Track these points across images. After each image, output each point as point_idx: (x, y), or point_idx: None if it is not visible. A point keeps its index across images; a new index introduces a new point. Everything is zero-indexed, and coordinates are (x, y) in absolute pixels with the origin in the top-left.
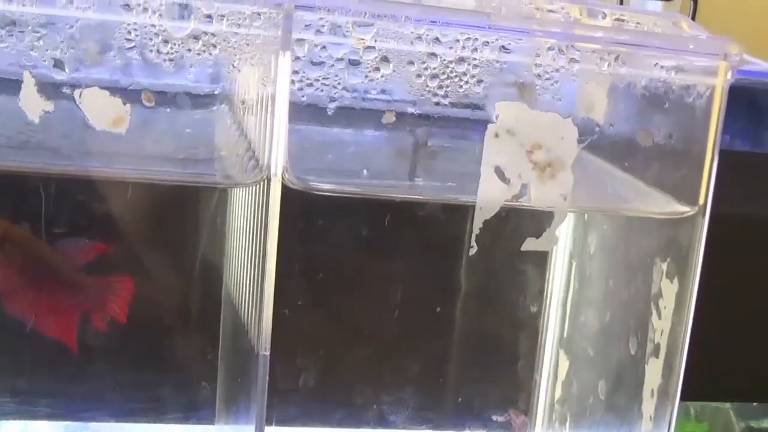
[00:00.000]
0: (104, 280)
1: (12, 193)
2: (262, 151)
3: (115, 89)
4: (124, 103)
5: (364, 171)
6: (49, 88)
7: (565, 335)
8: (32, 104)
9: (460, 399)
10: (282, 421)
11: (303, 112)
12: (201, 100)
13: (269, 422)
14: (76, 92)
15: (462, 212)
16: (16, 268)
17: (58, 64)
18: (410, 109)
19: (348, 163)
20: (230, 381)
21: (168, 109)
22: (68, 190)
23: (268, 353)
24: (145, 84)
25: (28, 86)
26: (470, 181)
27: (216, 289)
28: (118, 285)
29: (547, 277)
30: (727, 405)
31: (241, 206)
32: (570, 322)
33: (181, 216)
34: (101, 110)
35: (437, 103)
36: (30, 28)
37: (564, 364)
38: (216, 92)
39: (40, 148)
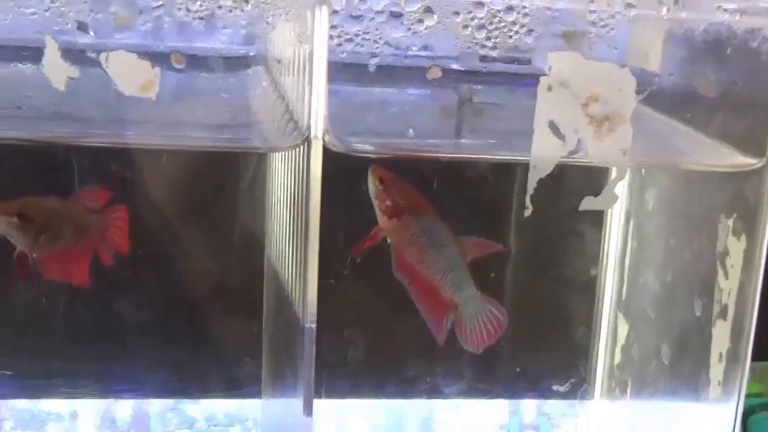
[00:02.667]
0: (104, 214)
1: (44, 165)
2: (300, 113)
3: (144, 54)
4: (153, 66)
5: (410, 131)
6: (75, 54)
7: (623, 297)
8: (56, 70)
9: (515, 368)
10: (331, 394)
11: (343, 70)
12: (235, 63)
13: (317, 396)
14: (102, 56)
15: (512, 171)
16: (56, 240)
17: (81, 27)
18: (454, 66)
19: (391, 123)
20: (275, 355)
21: (202, 74)
22: (101, 160)
23: (314, 326)
24: (177, 48)
25: (52, 51)
26: (519, 139)
27: (258, 260)
28: (113, 216)
29: (603, 237)
30: None
31: (281, 172)
32: (629, 284)
33: (219, 184)
34: (129, 74)
35: (482, 58)
36: None
37: (623, 328)
38: (251, 54)
39: (72, 119)
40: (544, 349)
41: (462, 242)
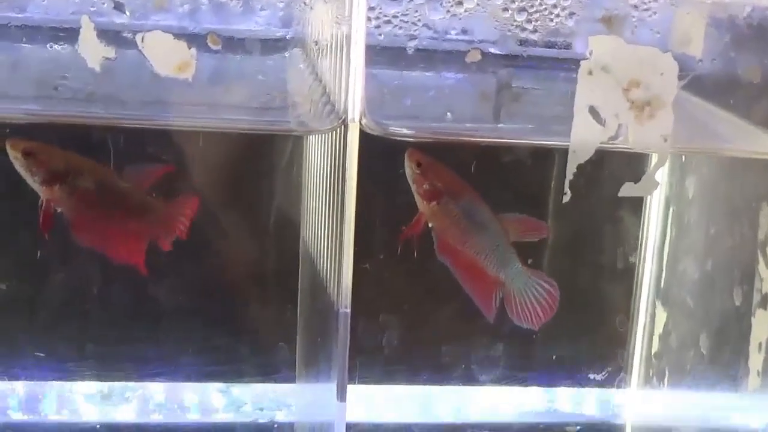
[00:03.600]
0: (175, 202)
1: (80, 146)
2: (337, 96)
3: (181, 35)
4: (189, 47)
5: (447, 114)
6: (111, 35)
7: (662, 286)
8: (92, 50)
9: (552, 356)
10: (365, 380)
11: (381, 53)
12: (273, 45)
13: (351, 381)
14: (138, 36)
15: (551, 157)
16: (83, 197)
17: (118, 7)
18: (493, 50)
19: (429, 107)
20: (310, 340)
21: (239, 56)
22: (138, 142)
23: (348, 310)
24: (214, 29)
25: (87, 31)
26: (558, 124)
27: (293, 244)
28: (184, 205)
29: (642, 224)
30: None
31: (317, 155)
32: (667, 272)
33: (255, 167)
34: (165, 55)
35: (521, 42)
36: None
37: (661, 316)
38: (288, 36)
39: (105, 99)
40: (580, 336)
41: (504, 220)
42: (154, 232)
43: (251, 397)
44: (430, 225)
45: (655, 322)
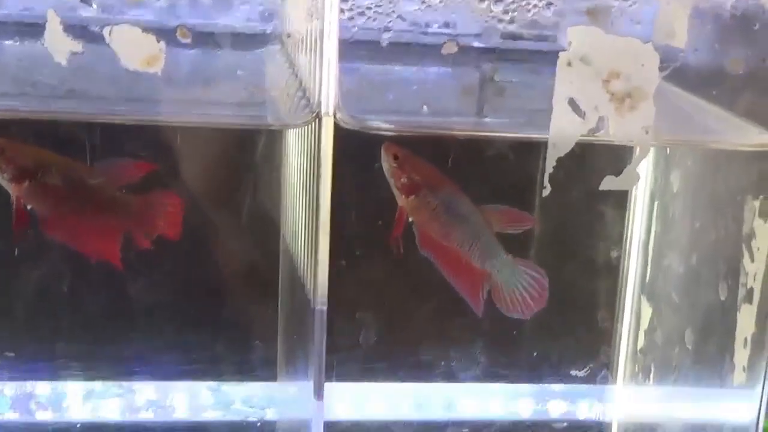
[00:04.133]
0: (148, 197)
1: (57, 142)
2: (312, 89)
3: (160, 31)
4: (158, 41)
5: (423, 108)
6: (78, 30)
7: (647, 280)
8: (58, 45)
9: (534, 352)
10: (342, 378)
11: (360, 47)
12: (252, 40)
13: (329, 379)
14: (106, 29)
15: (534, 151)
16: (53, 193)
17: (85, 0)
18: (476, 43)
19: (409, 101)
20: (290, 338)
21: (219, 51)
22: (114, 138)
23: (325, 307)
24: (193, 24)
25: (53, 25)
26: (541, 118)
27: (273, 241)
28: (164, 201)
29: (626, 218)
30: None
31: (295, 150)
32: (652, 267)
33: (234, 163)
34: (133, 48)
35: (503, 35)
36: None
37: (647, 312)
38: (267, 31)
39: (81, 95)
40: (565, 332)
41: (486, 211)
42: (127, 227)
43: (234, 396)
44: (410, 219)
45: (640, 317)
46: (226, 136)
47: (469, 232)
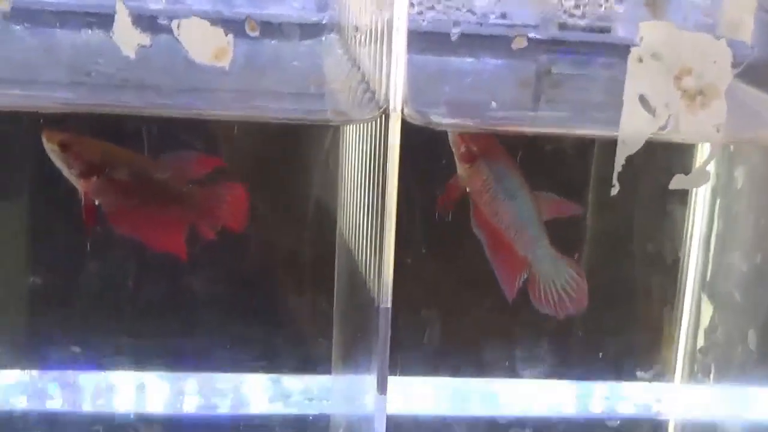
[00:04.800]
0: (214, 189)
1: (112, 134)
2: (378, 84)
3: (215, 20)
4: (226, 34)
5: (492, 104)
6: (145, 21)
7: (708, 279)
8: (127, 38)
9: (594, 350)
10: (406, 373)
11: (423, 39)
12: (308, 30)
13: (392, 374)
14: (174, 23)
15: (592, 145)
16: (120, 188)
17: None
18: (532, 34)
19: (468, 95)
20: (347, 334)
21: (273, 41)
22: (170, 131)
23: (389, 306)
24: (249, 14)
25: (122, 18)
26: (598, 112)
27: (330, 237)
28: (227, 192)
29: (687, 215)
30: None
31: (355, 145)
32: (713, 265)
33: (290, 157)
34: (202, 42)
35: (562, 27)
36: None
37: (707, 311)
38: (324, 21)
39: (141, 87)
40: (624, 330)
41: (538, 197)
42: (192, 219)
43: (288, 389)
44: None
45: (700, 316)
46: (284, 129)
47: (516, 212)
